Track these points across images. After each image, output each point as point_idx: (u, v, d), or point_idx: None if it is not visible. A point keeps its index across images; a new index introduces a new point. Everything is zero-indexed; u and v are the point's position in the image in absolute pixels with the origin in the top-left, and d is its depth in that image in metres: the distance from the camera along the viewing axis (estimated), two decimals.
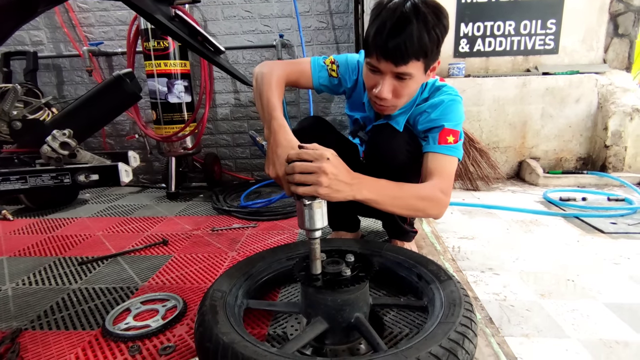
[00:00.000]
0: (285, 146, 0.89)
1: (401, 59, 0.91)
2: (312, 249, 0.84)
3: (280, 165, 0.87)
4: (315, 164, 0.78)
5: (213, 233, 1.76)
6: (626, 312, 1.08)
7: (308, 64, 1.18)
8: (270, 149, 0.91)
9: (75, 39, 2.79)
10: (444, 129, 1.04)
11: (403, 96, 1.01)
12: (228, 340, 0.72)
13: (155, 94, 2.33)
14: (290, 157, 0.80)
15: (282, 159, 0.86)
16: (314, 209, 0.80)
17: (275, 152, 0.89)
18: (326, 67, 1.19)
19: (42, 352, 0.93)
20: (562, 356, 0.91)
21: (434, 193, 0.97)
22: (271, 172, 0.89)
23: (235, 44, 2.74)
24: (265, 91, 1.01)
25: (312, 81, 1.19)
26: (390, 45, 0.89)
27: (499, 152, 2.73)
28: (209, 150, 2.94)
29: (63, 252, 1.56)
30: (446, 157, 1.04)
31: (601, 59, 2.72)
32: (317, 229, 0.81)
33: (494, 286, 1.25)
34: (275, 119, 0.94)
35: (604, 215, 1.88)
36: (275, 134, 0.91)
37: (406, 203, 0.95)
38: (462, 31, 2.70)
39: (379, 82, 0.98)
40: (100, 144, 2.98)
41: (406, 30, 0.88)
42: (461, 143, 1.07)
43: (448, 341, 0.70)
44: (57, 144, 1.25)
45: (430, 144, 1.06)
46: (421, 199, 0.96)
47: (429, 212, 1.00)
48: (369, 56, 0.96)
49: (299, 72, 1.16)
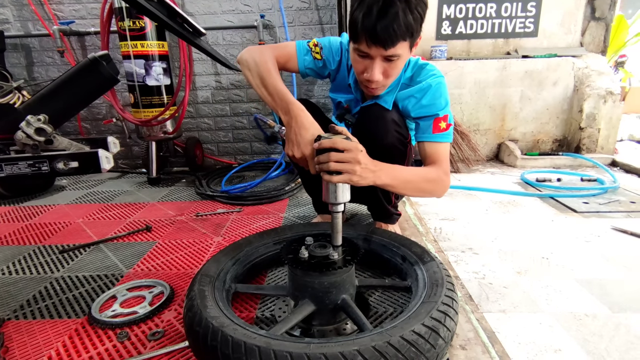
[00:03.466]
0: (309, 128, 0.93)
1: (390, 43, 0.93)
2: (335, 222, 0.90)
3: (305, 145, 0.91)
4: (350, 155, 0.84)
5: (197, 218, 1.75)
6: (595, 287, 1.15)
7: (294, 47, 1.19)
8: (292, 131, 0.94)
9: (44, 17, 2.64)
10: (437, 117, 1.11)
11: (392, 76, 1.06)
12: (217, 324, 0.73)
13: (132, 76, 2.25)
14: (323, 145, 0.85)
15: (306, 140, 0.91)
16: (340, 185, 0.87)
17: (300, 134, 0.93)
18: (310, 50, 1.20)
19: (27, 341, 0.92)
20: (536, 329, 0.96)
21: (439, 176, 1.07)
22: (296, 152, 0.93)
23: (215, 24, 2.66)
24: (267, 78, 1.02)
25: (297, 65, 1.20)
26: (379, 30, 0.91)
27: (479, 135, 2.78)
28: (190, 134, 2.88)
29: (42, 240, 1.52)
30: (441, 144, 1.12)
31: (578, 42, 2.78)
32: (341, 202, 0.88)
33: (473, 265, 1.30)
34: (292, 104, 0.97)
35: (577, 195, 1.96)
36: (297, 117, 0.94)
37: (416, 186, 1.05)
38: (444, 13, 2.69)
39: (368, 66, 1.01)
40: (75, 128, 2.88)
41: (392, 13, 0.90)
42: (452, 127, 1.14)
43: (430, 319, 0.73)
44: (32, 130, 1.21)
45: (426, 133, 1.13)
46: (429, 182, 1.06)
47: (434, 193, 1.10)
48: (357, 42, 0.98)
49: (286, 55, 1.18)
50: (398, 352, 0.66)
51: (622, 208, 1.78)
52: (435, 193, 1.10)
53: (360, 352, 0.64)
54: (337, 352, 0.64)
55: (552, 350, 0.89)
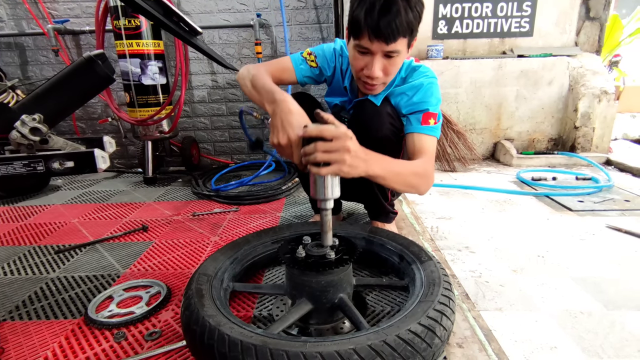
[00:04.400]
0: (295, 113, 0.87)
1: (392, 37, 0.96)
2: (325, 220, 0.85)
3: (291, 129, 0.85)
4: (339, 143, 0.79)
5: (194, 218, 1.75)
6: (590, 284, 1.16)
7: (288, 60, 1.24)
8: (277, 118, 0.88)
9: (38, 15, 2.62)
10: (427, 112, 1.12)
11: (391, 73, 1.08)
12: (214, 322, 0.73)
13: (128, 75, 2.24)
14: (309, 133, 0.80)
15: (292, 124, 0.85)
16: (329, 178, 0.80)
17: (285, 118, 0.86)
18: (305, 59, 1.24)
19: (23, 342, 0.91)
20: (533, 327, 0.97)
21: (426, 170, 1.06)
22: (281, 138, 0.86)
23: (211, 23, 2.65)
24: (258, 80, 1.02)
25: (295, 75, 1.24)
26: (382, 25, 0.93)
27: (475, 134, 2.80)
28: (186, 133, 2.87)
29: (38, 241, 1.51)
30: (428, 137, 1.13)
31: (573, 41, 2.79)
32: (330, 198, 0.82)
33: (470, 264, 1.30)
34: (277, 92, 0.93)
35: (572, 194, 1.97)
36: (282, 102, 0.89)
37: (405, 179, 1.01)
38: (440, 12, 2.70)
39: (369, 62, 1.03)
40: (70, 127, 2.86)
41: (394, 10, 0.93)
42: (440, 124, 1.16)
43: (427, 319, 0.74)
44: (27, 130, 1.20)
45: (414, 125, 1.14)
46: (417, 175, 1.04)
47: (420, 189, 1.06)
48: (359, 38, 0.99)
49: (280, 69, 1.21)
50: (394, 350, 0.66)
51: (616, 206, 1.79)
52: (420, 188, 1.06)
53: (356, 351, 0.64)
54: (333, 351, 0.64)
55: (548, 347, 0.89)
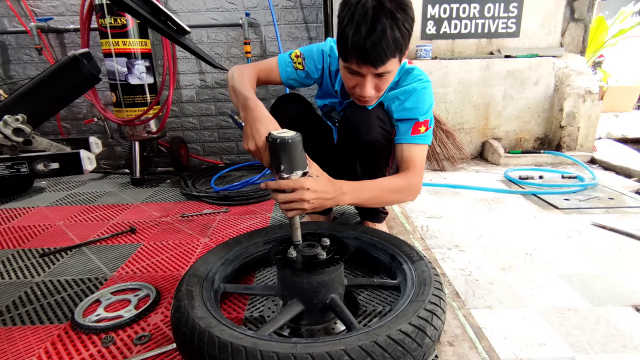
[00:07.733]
0: (263, 120, 0.92)
1: (380, 62, 0.94)
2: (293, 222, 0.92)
3: (259, 137, 0.90)
4: (295, 195, 0.87)
5: (183, 219, 1.73)
6: (576, 281, 1.18)
7: (275, 61, 1.24)
8: (248, 124, 0.94)
9: (21, 13, 2.56)
10: (418, 122, 1.13)
11: (383, 89, 1.08)
12: (204, 324, 0.72)
13: (114, 74, 2.20)
14: (269, 186, 0.89)
15: (260, 132, 0.90)
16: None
17: (254, 126, 0.92)
18: (292, 61, 1.24)
19: (7, 349, 0.89)
20: (521, 324, 0.98)
21: (408, 183, 1.09)
22: (250, 145, 0.92)
23: (199, 22, 2.63)
24: (237, 85, 1.05)
25: (280, 77, 1.24)
26: (369, 50, 0.91)
27: (463, 133, 2.82)
28: (174, 133, 2.84)
29: (22, 244, 1.48)
30: (418, 146, 1.14)
31: (558, 42, 2.84)
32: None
33: (460, 262, 1.31)
34: (249, 99, 0.97)
35: (559, 192, 2.01)
36: (252, 110, 0.94)
37: (383, 200, 1.09)
38: (429, 13, 2.72)
39: (360, 82, 1.03)
40: (55, 128, 2.80)
41: (381, 33, 0.89)
42: (432, 129, 1.16)
43: (417, 319, 0.74)
44: (9, 131, 1.16)
45: (404, 135, 1.14)
46: (396, 192, 1.08)
47: (404, 200, 1.15)
48: (348, 61, 0.97)
49: (267, 69, 1.22)
50: (384, 351, 0.66)
51: (601, 204, 1.83)
52: (404, 200, 1.14)
53: (346, 352, 0.64)
54: (323, 352, 0.64)
55: (536, 344, 0.91)
